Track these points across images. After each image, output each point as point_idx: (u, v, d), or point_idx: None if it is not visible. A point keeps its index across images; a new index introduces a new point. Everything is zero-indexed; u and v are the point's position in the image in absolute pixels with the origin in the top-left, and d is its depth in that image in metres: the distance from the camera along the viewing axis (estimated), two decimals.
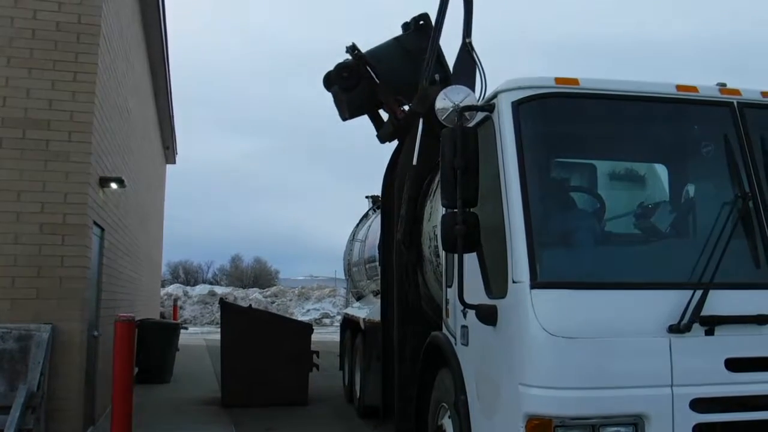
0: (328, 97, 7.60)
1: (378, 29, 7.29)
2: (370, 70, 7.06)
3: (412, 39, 7.14)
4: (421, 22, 7.16)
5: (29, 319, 6.57)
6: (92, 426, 7.95)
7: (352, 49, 7.03)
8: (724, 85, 4.64)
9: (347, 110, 7.35)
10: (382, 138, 7.60)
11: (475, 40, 7.03)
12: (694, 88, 4.53)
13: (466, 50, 6.36)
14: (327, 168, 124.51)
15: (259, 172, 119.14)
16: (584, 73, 4.45)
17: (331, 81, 7.36)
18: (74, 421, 6.81)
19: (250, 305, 14.91)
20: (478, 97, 5.20)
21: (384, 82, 7.05)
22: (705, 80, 4.67)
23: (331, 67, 7.36)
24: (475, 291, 4.39)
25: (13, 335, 6.41)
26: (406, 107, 7.07)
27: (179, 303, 29.98)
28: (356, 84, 7.08)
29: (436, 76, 6.36)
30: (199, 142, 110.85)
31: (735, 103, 4.47)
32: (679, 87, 4.52)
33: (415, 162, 6.13)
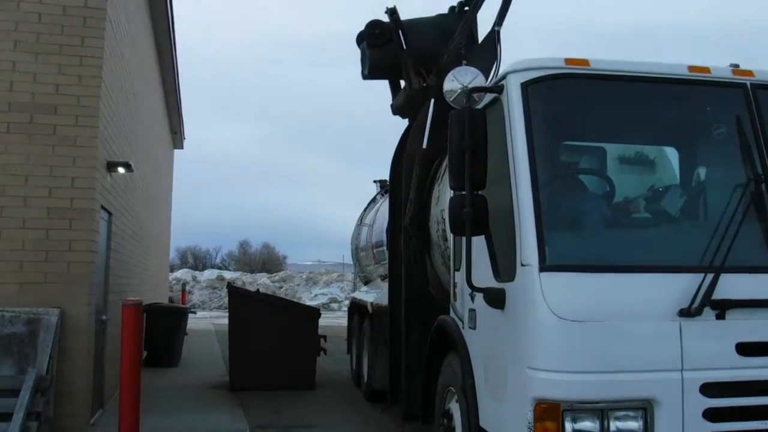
0: (338, 82, 7.52)
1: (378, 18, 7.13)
2: (401, 35, 6.92)
3: (452, 21, 6.96)
4: (466, 8, 7.02)
5: (37, 303, 6.59)
6: (101, 409, 8.01)
7: (392, 12, 6.90)
8: (737, 66, 4.56)
9: (369, 68, 7.21)
10: (394, 108, 7.49)
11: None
12: (706, 69, 4.46)
13: (493, 38, 6.28)
14: (335, 153, 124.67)
15: (268, 157, 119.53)
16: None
17: (362, 35, 7.22)
18: (83, 404, 6.86)
19: (258, 290, 14.94)
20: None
21: (411, 51, 6.90)
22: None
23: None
24: (483, 274, 4.36)
25: (21, 319, 6.44)
26: (425, 84, 6.95)
27: (188, 288, 30.15)
28: (384, 43, 6.93)
29: (462, 51, 6.23)
30: (207, 128, 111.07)
31: (748, 85, 4.39)
32: (691, 68, 4.45)
33: (425, 145, 6.06)
